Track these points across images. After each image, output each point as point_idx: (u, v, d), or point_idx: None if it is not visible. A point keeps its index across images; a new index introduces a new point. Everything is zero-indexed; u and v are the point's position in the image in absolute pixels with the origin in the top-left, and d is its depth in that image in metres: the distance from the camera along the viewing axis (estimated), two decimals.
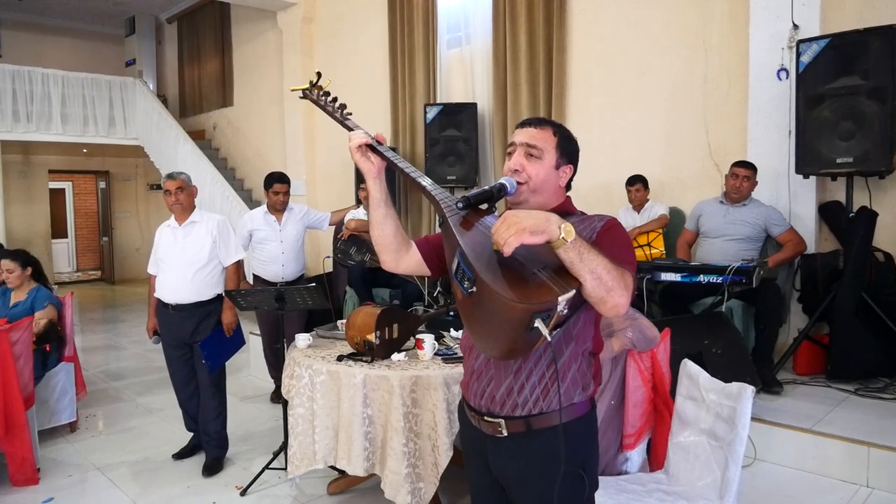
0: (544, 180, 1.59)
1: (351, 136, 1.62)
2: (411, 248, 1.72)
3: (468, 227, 1.41)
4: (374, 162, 1.62)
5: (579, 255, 1.24)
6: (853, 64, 3.72)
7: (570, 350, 1.51)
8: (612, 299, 1.28)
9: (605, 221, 1.54)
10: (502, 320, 1.22)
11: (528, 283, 1.23)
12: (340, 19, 7.96)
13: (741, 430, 2.09)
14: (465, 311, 1.38)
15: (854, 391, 3.60)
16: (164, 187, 3.62)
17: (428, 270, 1.73)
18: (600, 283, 1.25)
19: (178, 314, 3.62)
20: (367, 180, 1.63)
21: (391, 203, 1.65)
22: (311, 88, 1.78)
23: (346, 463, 2.82)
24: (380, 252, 1.70)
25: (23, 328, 3.62)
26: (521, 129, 1.64)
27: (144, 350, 6.81)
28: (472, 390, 1.60)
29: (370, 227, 1.67)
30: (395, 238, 1.67)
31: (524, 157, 1.58)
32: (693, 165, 5.00)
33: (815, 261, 4.08)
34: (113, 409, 4.89)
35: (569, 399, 1.50)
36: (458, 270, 1.33)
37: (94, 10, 11.53)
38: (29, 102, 9.42)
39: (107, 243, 13.20)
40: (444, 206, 1.49)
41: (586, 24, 5.58)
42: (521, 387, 1.50)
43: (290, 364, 3.10)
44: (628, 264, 1.40)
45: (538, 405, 1.50)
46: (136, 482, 3.57)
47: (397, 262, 1.71)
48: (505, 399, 1.52)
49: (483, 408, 1.56)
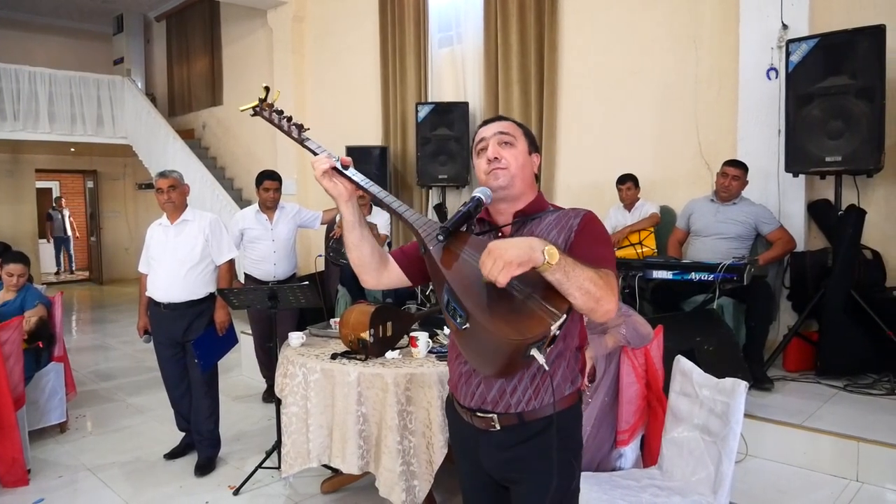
0: (522, 165, 1.60)
1: (313, 162, 1.55)
2: (389, 264, 1.70)
3: (453, 258, 1.40)
4: (344, 186, 1.55)
5: (565, 274, 1.25)
6: (842, 63, 3.76)
7: (557, 350, 1.54)
8: (602, 307, 1.30)
9: (580, 217, 1.55)
10: (497, 352, 1.25)
11: (520, 314, 1.24)
12: (331, 18, 7.94)
13: (734, 425, 2.12)
14: (460, 340, 1.41)
15: (843, 387, 3.64)
16: (156, 185, 3.60)
17: (409, 282, 1.73)
18: (589, 296, 1.27)
19: (170, 313, 3.60)
20: (339, 205, 1.57)
21: (365, 223, 1.62)
22: (261, 105, 1.66)
23: (341, 461, 2.82)
24: (360, 273, 1.67)
25: (12, 328, 3.58)
26: (485, 126, 1.66)
27: (134, 350, 6.77)
28: (461, 392, 1.62)
29: (347, 251, 1.63)
30: (373, 257, 1.65)
31: (499, 146, 1.59)
32: (684, 164, 5.03)
33: (805, 258, 4.12)
34: (103, 410, 4.85)
35: (560, 394, 1.55)
36: (448, 306, 1.32)
37: (81, 8, 11.44)
38: (16, 101, 9.32)
39: (95, 243, 13.10)
40: (424, 236, 1.47)
41: (577, 24, 5.60)
42: (513, 388, 1.53)
43: (283, 363, 3.10)
44: (608, 262, 1.44)
45: (531, 403, 1.53)
46: (127, 482, 3.55)
47: (378, 280, 1.70)
48: (497, 400, 1.55)
49: (474, 406, 1.59)
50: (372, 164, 6.57)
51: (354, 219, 1.58)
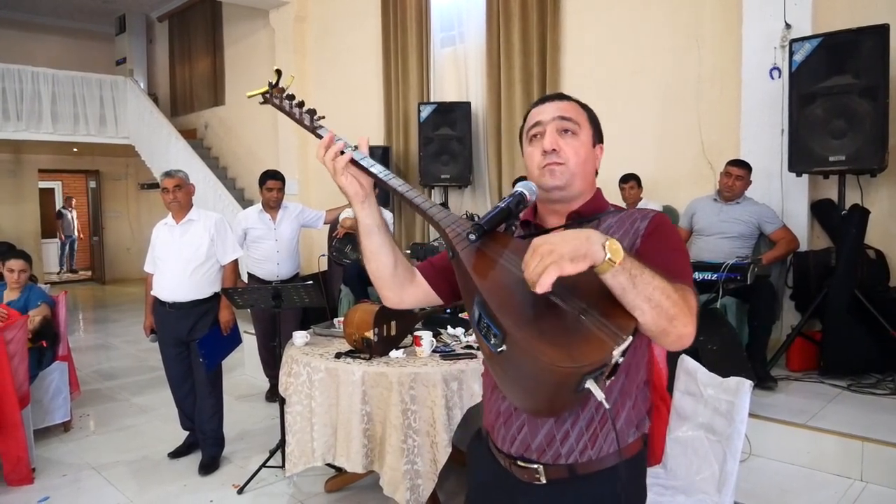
0: (585, 160, 1.31)
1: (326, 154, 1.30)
2: (415, 278, 1.42)
3: (487, 263, 1.13)
4: (361, 183, 1.30)
5: (631, 279, 0.97)
6: (845, 63, 3.76)
7: (620, 385, 1.24)
8: (676, 330, 1.02)
9: (649, 219, 1.25)
10: (543, 382, 0.99)
11: (573, 334, 0.97)
12: (333, 18, 7.95)
13: (739, 424, 2.12)
14: (494, 367, 1.14)
15: (847, 387, 3.64)
16: (161, 185, 3.61)
17: (439, 300, 1.44)
18: (660, 312, 0.99)
19: (176, 312, 3.61)
20: (354, 206, 1.30)
21: (386, 228, 1.34)
22: (271, 91, 1.46)
23: (345, 460, 2.82)
24: (379, 288, 1.40)
25: (17, 327, 3.60)
26: (542, 106, 1.34)
27: (137, 350, 6.79)
28: (498, 434, 1.32)
29: (365, 261, 1.38)
30: (396, 270, 1.37)
31: (559, 134, 1.29)
32: (686, 164, 5.03)
33: (808, 258, 4.12)
34: (107, 409, 4.87)
35: (623, 441, 1.24)
36: (480, 323, 1.05)
37: (84, 8, 11.46)
38: (19, 101, 9.35)
39: (97, 243, 13.12)
40: (452, 237, 1.20)
41: (580, 24, 5.61)
42: (564, 435, 1.23)
43: (287, 362, 3.10)
44: (686, 276, 1.15)
45: (586, 454, 1.23)
46: (132, 481, 3.56)
47: (401, 297, 1.42)
48: (544, 448, 1.24)
49: (515, 453, 1.28)
50: None
51: (374, 221, 1.31)
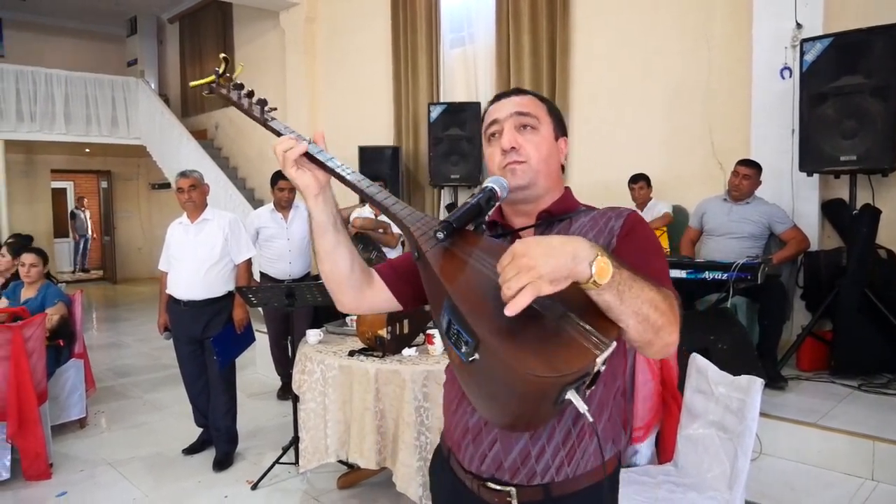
0: (547, 156, 1.24)
1: (277, 144, 1.21)
2: (374, 282, 1.33)
3: (456, 265, 1.04)
4: (316, 176, 1.21)
5: (618, 296, 0.90)
6: (856, 62, 3.77)
7: (599, 396, 1.17)
8: (661, 340, 0.97)
9: (623, 218, 1.20)
10: (520, 395, 0.91)
11: (553, 340, 0.89)
12: (343, 19, 7.99)
13: (750, 421, 2.14)
14: (465, 378, 1.05)
15: (858, 387, 3.64)
16: (176, 185, 3.66)
17: (399, 305, 1.35)
18: (647, 324, 0.93)
19: (190, 310, 3.66)
20: (307, 200, 1.22)
21: (342, 226, 1.25)
22: (218, 81, 1.38)
23: (359, 456, 2.86)
24: (333, 292, 1.30)
25: (36, 325, 3.65)
26: (498, 103, 1.28)
27: (150, 348, 6.85)
28: (466, 452, 1.22)
29: (318, 261, 1.28)
30: (353, 272, 1.27)
31: (517, 131, 1.23)
32: (696, 163, 5.04)
33: (819, 258, 4.12)
34: (121, 406, 4.92)
35: (600, 458, 1.17)
36: (450, 329, 0.97)
37: (95, 10, 11.57)
38: (32, 102, 9.46)
39: (109, 242, 13.22)
40: (417, 236, 1.12)
41: (589, 25, 5.62)
42: (540, 451, 1.15)
43: (301, 359, 3.14)
44: (666, 277, 1.11)
45: (562, 471, 1.16)
46: (147, 477, 3.61)
47: (359, 301, 1.32)
48: (518, 467, 1.16)
49: (485, 473, 1.19)
50: (384, 164, 6.63)
51: (328, 218, 1.22)
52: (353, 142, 6.94)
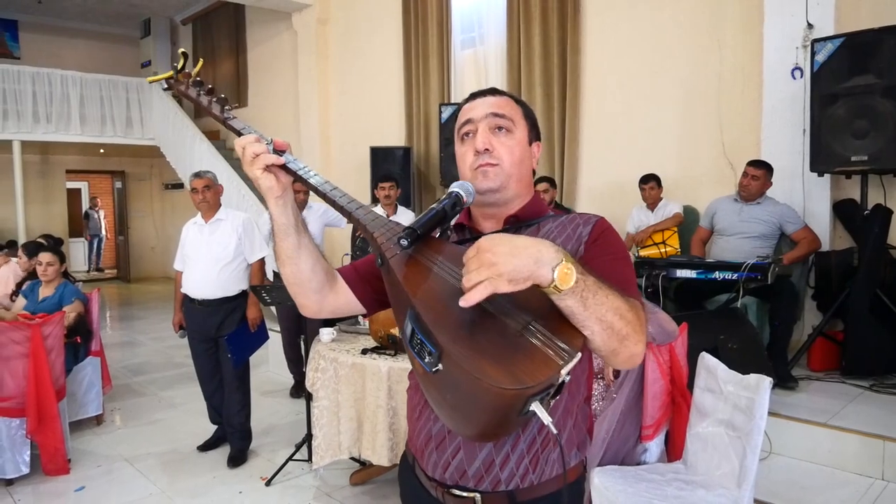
0: (520, 160, 1.23)
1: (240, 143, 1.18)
2: (337, 284, 1.30)
3: (420, 272, 1.03)
4: (279, 178, 1.18)
5: (581, 301, 0.90)
6: (867, 63, 3.77)
7: (564, 404, 1.17)
8: (627, 350, 0.96)
9: (591, 225, 1.20)
10: (484, 406, 0.89)
11: (517, 351, 0.87)
12: (355, 20, 8.05)
13: (759, 419, 2.15)
14: (429, 388, 1.03)
15: (869, 387, 3.64)
16: (191, 185, 3.72)
17: (363, 308, 1.33)
18: (611, 333, 0.93)
19: (205, 309, 3.71)
20: (269, 201, 1.19)
21: (304, 228, 1.22)
22: (177, 77, 1.34)
23: (371, 453, 2.90)
24: (295, 294, 1.27)
25: (54, 323, 3.72)
26: (473, 102, 1.26)
27: (164, 346, 6.93)
28: (429, 459, 1.21)
29: (279, 264, 1.25)
30: (315, 274, 1.24)
31: (491, 133, 1.21)
32: (707, 164, 5.05)
33: (830, 258, 4.12)
34: (136, 403, 4.99)
35: (566, 464, 1.19)
36: (413, 339, 0.95)
37: (110, 13, 11.69)
38: (48, 104, 9.60)
39: (122, 242, 13.36)
40: (381, 242, 1.10)
41: (600, 26, 5.64)
42: (504, 458, 1.14)
43: (314, 357, 3.19)
44: (633, 287, 1.11)
45: (527, 478, 1.15)
46: (163, 472, 3.67)
47: (321, 305, 1.29)
48: (482, 475, 1.15)
49: (449, 480, 1.19)
50: (395, 165, 6.67)
51: (289, 220, 1.19)
52: (364, 142, 7.00)
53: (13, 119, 9.32)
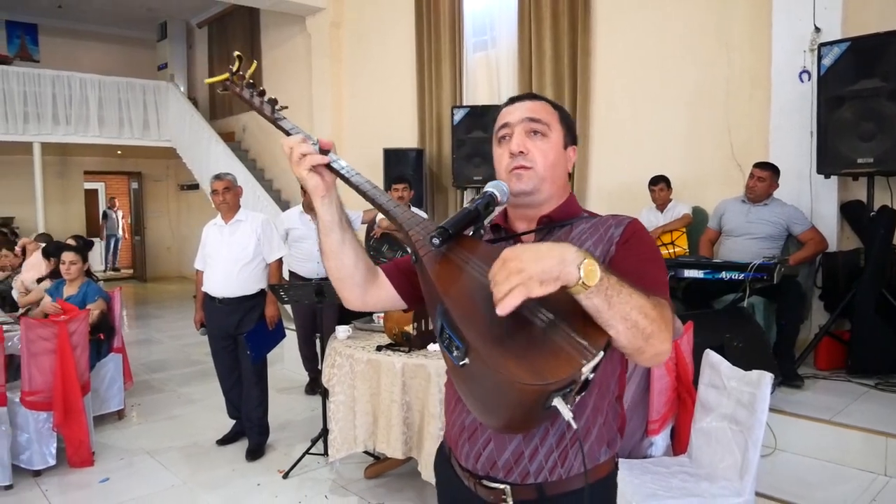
0: (554, 164, 1.27)
1: (287, 143, 1.24)
2: (378, 280, 1.36)
3: (451, 270, 1.07)
4: (324, 177, 1.23)
5: (606, 300, 0.92)
6: (874, 66, 3.81)
7: (592, 402, 1.20)
8: (652, 348, 0.98)
9: (623, 227, 1.23)
10: (508, 399, 0.94)
11: (540, 348, 0.92)
12: (368, 24, 8.16)
13: (760, 414, 2.24)
14: (458, 381, 1.09)
15: (874, 385, 3.69)
16: (211, 187, 3.84)
17: (403, 304, 1.39)
18: (636, 332, 0.95)
19: (225, 307, 3.83)
20: (314, 200, 1.25)
21: (348, 225, 1.28)
22: (232, 78, 1.42)
23: (386, 446, 3.00)
24: (340, 289, 1.34)
25: (80, 320, 3.85)
26: (511, 107, 1.30)
27: (182, 344, 7.07)
28: (462, 450, 1.27)
29: (323, 258, 1.31)
30: (357, 269, 1.31)
31: (527, 136, 1.26)
32: (715, 165, 5.11)
33: (837, 259, 4.17)
34: (156, 399, 5.13)
35: (593, 460, 1.21)
36: (442, 334, 1.00)
37: (127, 16, 11.89)
38: (67, 106, 9.77)
39: (139, 242, 13.56)
40: (415, 240, 1.16)
41: (610, 28, 5.71)
42: (533, 452, 1.18)
43: (331, 354, 3.29)
44: (661, 288, 1.11)
45: (556, 472, 1.18)
46: (184, 465, 3.80)
47: (364, 299, 1.35)
48: (511, 466, 1.20)
49: (480, 471, 1.23)
50: (408, 166, 6.77)
51: (334, 217, 1.25)
52: (377, 144, 7.10)
53: (34, 121, 9.51)
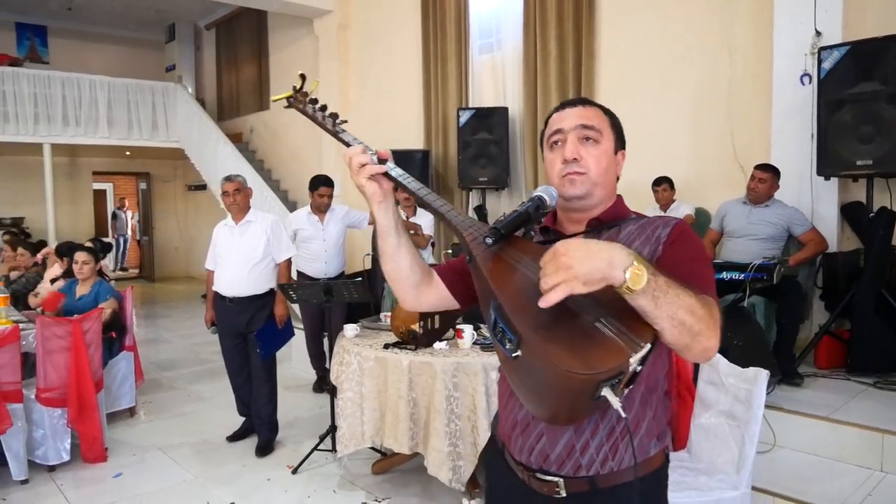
0: (606, 169, 1.30)
1: (348, 154, 1.30)
2: (433, 280, 1.43)
3: (504, 268, 1.13)
4: (381, 185, 1.30)
5: (653, 301, 0.96)
6: (873, 70, 3.87)
7: (641, 396, 1.24)
8: (700, 345, 1.01)
9: (670, 227, 1.25)
10: (558, 389, 0.99)
11: (589, 340, 0.96)
12: (375, 26, 8.24)
13: (756, 409, 2.31)
14: (510, 373, 1.14)
15: (873, 384, 3.75)
16: (222, 189, 3.92)
17: (456, 303, 1.44)
18: (683, 329, 0.98)
19: (235, 306, 3.92)
20: (372, 206, 1.31)
21: (403, 229, 1.35)
22: (296, 95, 1.53)
23: (393, 441, 3.08)
24: (396, 290, 1.41)
25: (93, 319, 3.94)
26: (564, 112, 1.34)
27: (190, 343, 7.18)
28: (515, 444, 1.31)
29: (381, 262, 1.39)
30: (413, 271, 1.37)
31: (580, 143, 1.29)
32: (718, 167, 5.17)
33: (837, 259, 4.23)
34: (166, 397, 5.22)
35: (644, 453, 1.25)
36: (496, 327, 1.06)
37: (136, 18, 12.03)
38: (77, 107, 9.89)
39: (147, 242, 13.68)
40: (469, 240, 1.21)
41: (614, 31, 5.78)
42: (584, 445, 1.22)
43: (339, 352, 3.37)
44: (708, 286, 1.13)
45: (607, 465, 1.22)
46: (195, 461, 3.88)
47: (418, 299, 1.42)
48: (564, 459, 1.24)
49: (534, 464, 1.27)
50: (415, 167, 6.84)
51: (390, 222, 1.32)
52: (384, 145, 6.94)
53: (44, 122, 9.62)
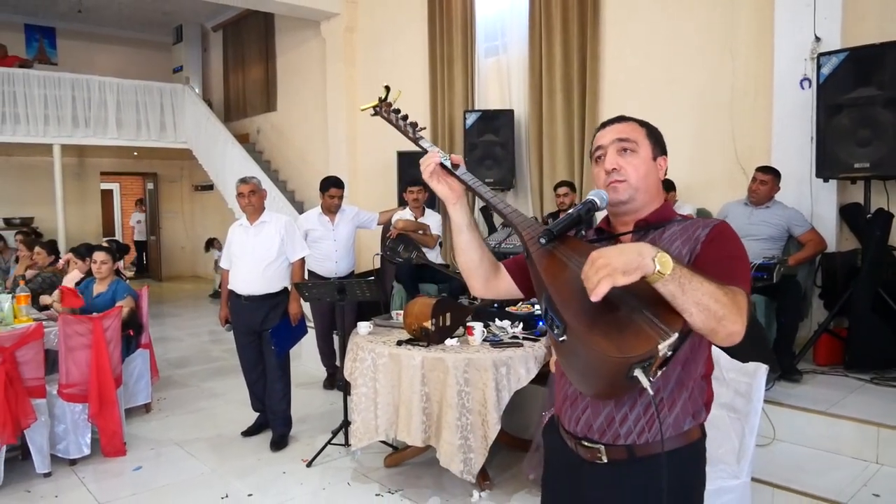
0: (645, 174, 1.45)
1: (424, 159, 1.51)
2: (500, 272, 1.62)
3: (556, 264, 1.29)
4: (452, 187, 1.51)
5: (680, 287, 1.11)
6: (870, 75, 3.97)
7: (676, 377, 1.39)
8: (725, 329, 1.15)
9: (710, 228, 1.37)
10: (597, 369, 1.16)
11: (625, 328, 1.12)
12: (382, 29, 8.35)
13: (756, 402, 2.42)
14: (559, 353, 1.32)
15: (870, 380, 3.85)
16: (237, 190, 4.04)
17: (521, 293, 1.64)
18: (709, 314, 1.12)
19: (250, 304, 4.04)
20: (448, 206, 1.51)
21: (475, 227, 1.55)
22: (382, 105, 1.68)
23: (406, 434, 3.20)
24: (468, 279, 1.61)
25: (113, 316, 4.06)
26: (603, 130, 1.51)
27: (201, 342, 7.31)
28: (566, 415, 1.50)
29: (456, 254, 1.58)
30: (482, 264, 1.58)
31: (618, 155, 1.45)
32: (720, 169, 5.28)
33: (835, 259, 4.33)
34: (180, 394, 5.34)
35: (678, 428, 1.41)
36: (547, 315, 1.23)
37: (143, 20, 12.14)
38: (86, 108, 9.99)
39: (154, 242, 13.80)
40: (527, 238, 1.38)
41: (618, 34, 5.88)
42: (623, 417, 1.39)
43: (353, 349, 3.49)
44: (740, 280, 1.25)
45: (643, 436, 1.38)
46: (212, 455, 4.01)
47: (486, 288, 1.62)
48: (605, 429, 1.41)
49: (580, 433, 1.46)
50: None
51: (463, 221, 1.52)
52: (391, 147, 7.30)
53: (54, 123, 9.73)
